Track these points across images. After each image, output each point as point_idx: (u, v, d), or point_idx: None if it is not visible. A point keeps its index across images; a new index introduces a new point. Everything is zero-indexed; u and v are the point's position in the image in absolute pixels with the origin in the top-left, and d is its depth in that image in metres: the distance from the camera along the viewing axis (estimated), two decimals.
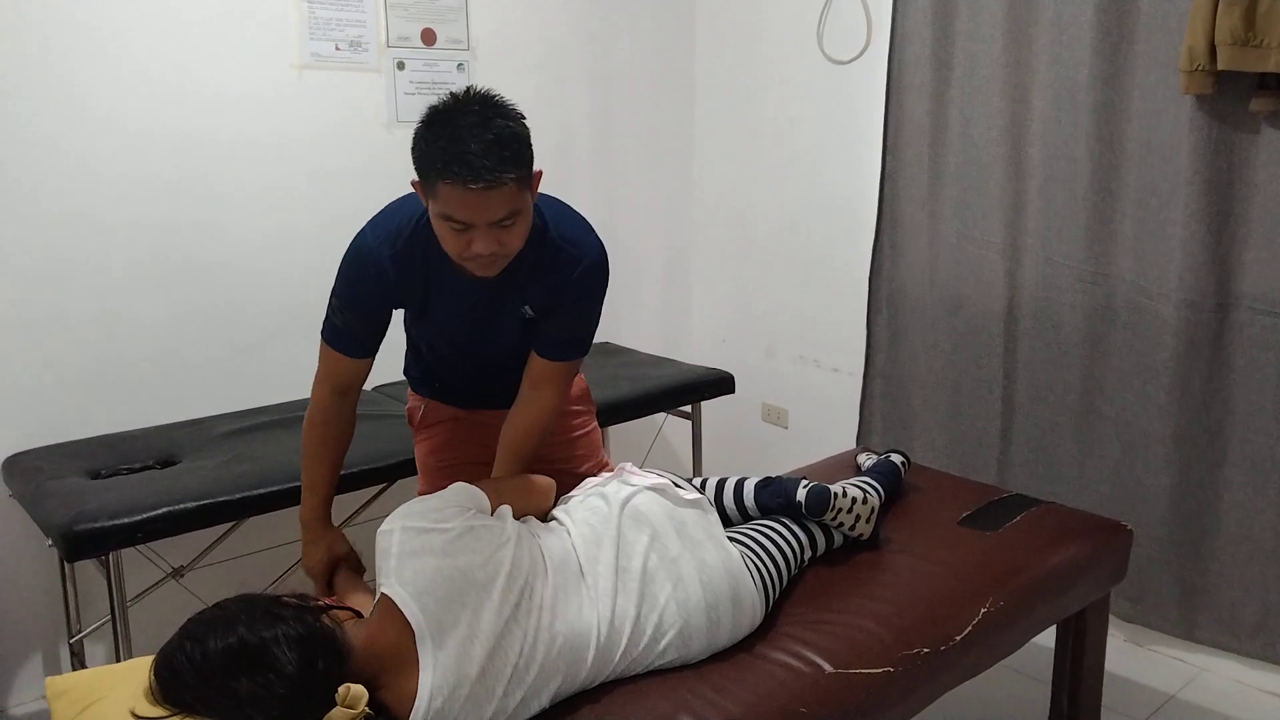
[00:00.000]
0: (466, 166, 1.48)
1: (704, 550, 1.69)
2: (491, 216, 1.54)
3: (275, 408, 2.75)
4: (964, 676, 1.83)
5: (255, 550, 2.69)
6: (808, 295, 3.46)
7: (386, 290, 1.76)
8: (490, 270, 1.65)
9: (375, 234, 1.74)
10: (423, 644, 1.39)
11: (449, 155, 1.49)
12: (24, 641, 2.52)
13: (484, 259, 1.59)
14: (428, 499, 1.59)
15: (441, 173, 1.50)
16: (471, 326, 1.85)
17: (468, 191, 1.49)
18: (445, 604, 1.41)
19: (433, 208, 1.57)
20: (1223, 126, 2.33)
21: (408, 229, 1.72)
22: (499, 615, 1.44)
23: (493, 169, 1.48)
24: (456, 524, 1.50)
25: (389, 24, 2.90)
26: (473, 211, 1.53)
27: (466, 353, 1.94)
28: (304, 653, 1.34)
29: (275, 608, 1.39)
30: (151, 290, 2.60)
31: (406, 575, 1.42)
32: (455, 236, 1.57)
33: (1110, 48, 2.49)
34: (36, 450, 2.42)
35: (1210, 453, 2.49)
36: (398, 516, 1.53)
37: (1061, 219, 2.66)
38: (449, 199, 1.52)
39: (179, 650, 1.34)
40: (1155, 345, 2.52)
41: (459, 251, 1.59)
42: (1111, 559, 2.14)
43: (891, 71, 3.00)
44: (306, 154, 2.80)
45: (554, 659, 1.48)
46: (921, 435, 3.11)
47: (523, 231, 1.62)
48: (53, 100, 2.39)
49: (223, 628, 1.34)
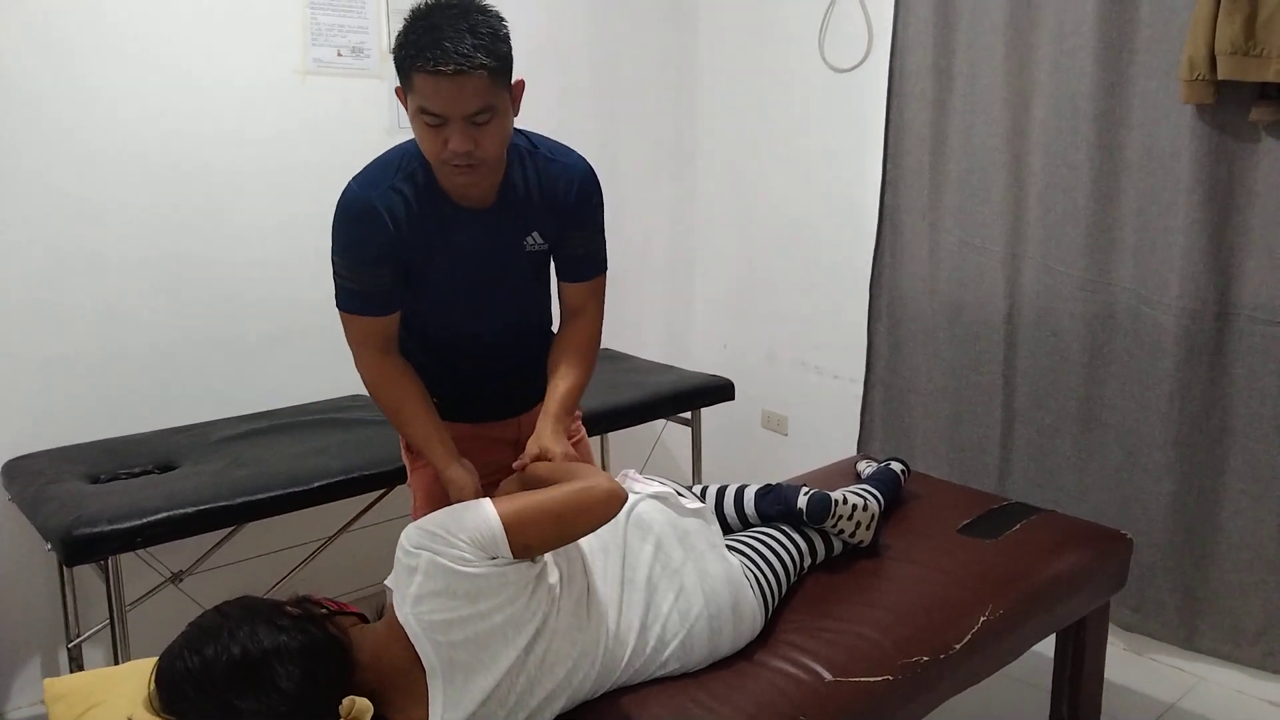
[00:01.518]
0: (440, 51, 1.50)
1: (706, 560, 1.69)
2: (465, 108, 1.54)
3: (275, 413, 2.75)
4: (964, 684, 1.82)
5: (255, 555, 2.69)
6: (808, 302, 3.46)
7: (383, 236, 1.70)
8: (470, 177, 1.63)
9: (360, 183, 1.72)
10: (433, 678, 1.37)
11: (424, 43, 1.51)
12: (22, 646, 2.51)
13: (462, 162, 1.59)
14: (460, 521, 1.43)
15: (416, 59, 1.52)
16: (474, 266, 1.79)
17: (440, 78, 1.51)
18: (460, 646, 1.38)
19: (410, 104, 1.58)
20: (1223, 136, 2.33)
21: (397, 168, 1.71)
22: (510, 657, 1.41)
23: (467, 55, 1.51)
24: (482, 569, 1.40)
25: (391, 30, 2.90)
26: (446, 101, 1.53)
27: (467, 320, 1.86)
28: (307, 666, 1.32)
29: (278, 616, 1.37)
30: (152, 296, 2.60)
31: (424, 610, 1.37)
32: (432, 135, 1.58)
33: (1111, 57, 2.50)
34: (36, 454, 2.42)
35: (1210, 461, 2.49)
36: (426, 537, 1.40)
37: (1062, 227, 2.67)
38: (423, 89, 1.54)
39: (179, 660, 1.33)
40: (1155, 353, 2.52)
41: (436, 151, 1.59)
42: (1111, 567, 2.14)
43: (893, 79, 3.00)
44: (309, 159, 2.81)
45: (559, 681, 1.48)
46: (921, 443, 3.10)
47: (499, 135, 1.62)
48: (54, 104, 2.40)
49: (224, 638, 1.32)
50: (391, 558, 1.47)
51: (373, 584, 2.92)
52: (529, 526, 1.43)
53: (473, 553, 1.39)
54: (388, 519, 2.68)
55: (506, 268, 1.82)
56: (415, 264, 1.75)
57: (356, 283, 1.74)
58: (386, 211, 1.68)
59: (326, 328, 2.88)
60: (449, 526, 1.41)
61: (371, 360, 1.79)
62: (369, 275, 1.73)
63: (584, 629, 1.52)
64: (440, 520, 1.42)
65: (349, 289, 1.75)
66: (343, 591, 2.66)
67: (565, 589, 1.53)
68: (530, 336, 1.96)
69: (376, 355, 1.79)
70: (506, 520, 1.41)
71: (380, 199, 1.68)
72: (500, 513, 1.42)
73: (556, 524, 1.46)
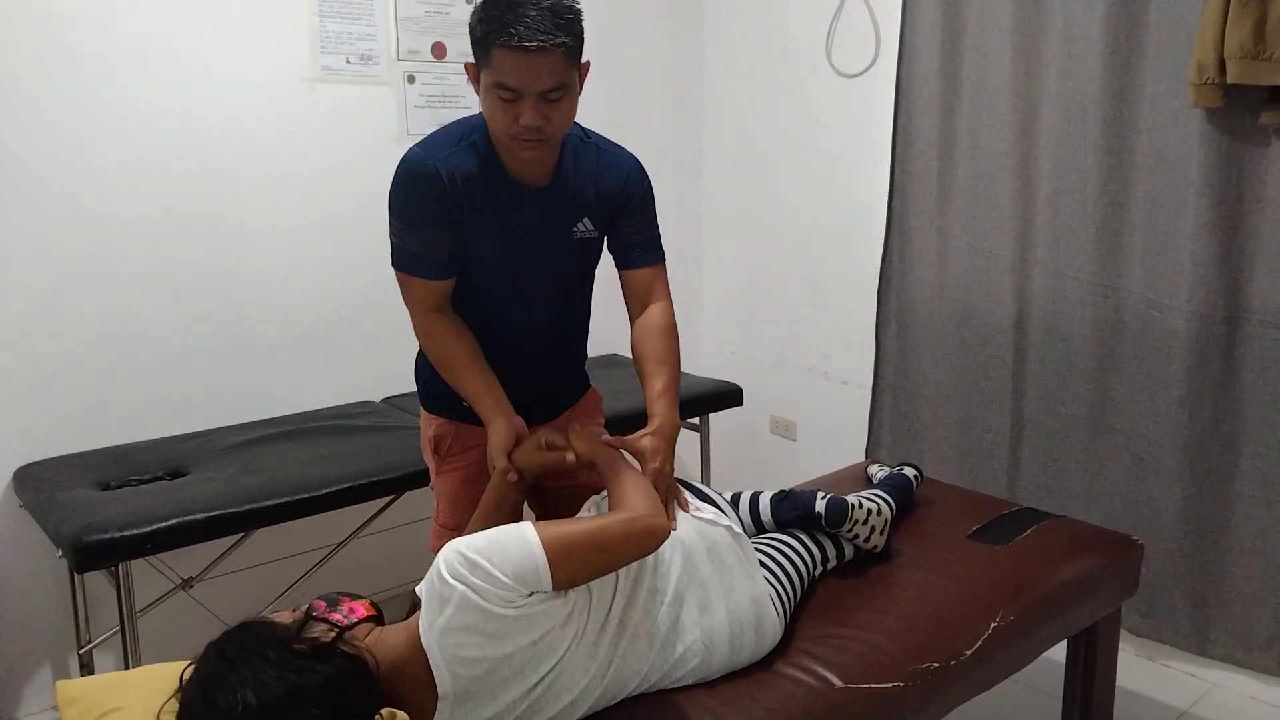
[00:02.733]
0: (523, 27, 1.56)
1: (733, 576, 1.66)
2: (541, 85, 1.60)
3: (283, 419, 2.75)
4: (974, 691, 1.82)
5: (264, 561, 2.70)
6: (816, 307, 3.46)
7: (441, 200, 1.73)
8: (537, 154, 1.69)
9: (425, 148, 1.75)
10: (444, 703, 1.36)
11: (507, 19, 1.57)
12: (34, 652, 2.52)
13: (530, 136, 1.64)
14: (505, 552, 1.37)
15: (498, 35, 1.57)
16: (525, 245, 1.81)
17: (522, 54, 1.57)
18: (478, 680, 1.37)
19: (485, 79, 1.63)
20: (1232, 140, 2.33)
21: (461, 137, 1.75)
22: (521, 688, 1.40)
23: (547, 31, 1.57)
24: (516, 611, 1.36)
25: (399, 38, 2.92)
26: (524, 76, 1.59)
27: (510, 305, 1.86)
28: (329, 703, 1.26)
29: (284, 655, 1.28)
30: (161, 303, 2.61)
31: (450, 643, 1.35)
32: (504, 109, 1.62)
33: (1120, 61, 2.49)
34: (47, 461, 2.43)
35: (1221, 465, 2.48)
36: (466, 567, 1.35)
37: (1071, 232, 2.66)
38: (502, 64, 1.59)
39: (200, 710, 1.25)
40: (1165, 358, 2.51)
41: (506, 126, 1.64)
42: (1122, 573, 2.13)
43: (900, 84, 3.00)
44: (317, 166, 2.82)
45: (564, 707, 1.46)
46: (931, 448, 3.10)
47: (568, 112, 1.68)
48: (64, 113, 2.41)
49: (235, 687, 1.23)
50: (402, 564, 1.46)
51: (384, 589, 2.92)
52: (573, 559, 1.40)
53: (512, 588, 1.35)
54: (397, 525, 2.69)
55: (555, 250, 1.85)
56: (467, 234, 1.78)
57: (413, 244, 1.77)
58: (447, 177, 1.73)
59: (335, 334, 2.91)
60: (492, 557, 1.35)
61: (427, 320, 1.82)
62: (425, 238, 1.76)
63: (599, 655, 1.49)
64: (482, 548, 1.37)
65: (404, 250, 1.78)
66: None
67: (594, 613, 1.49)
68: (566, 337, 1.98)
69: (432, 314, 1.82)
70: (551, 553, 1.38)
71: (442, 164, 1.73)
72: (545, 542, 1.38)
73: (601, 555, 1.44)
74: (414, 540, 1.43)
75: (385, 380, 3.00)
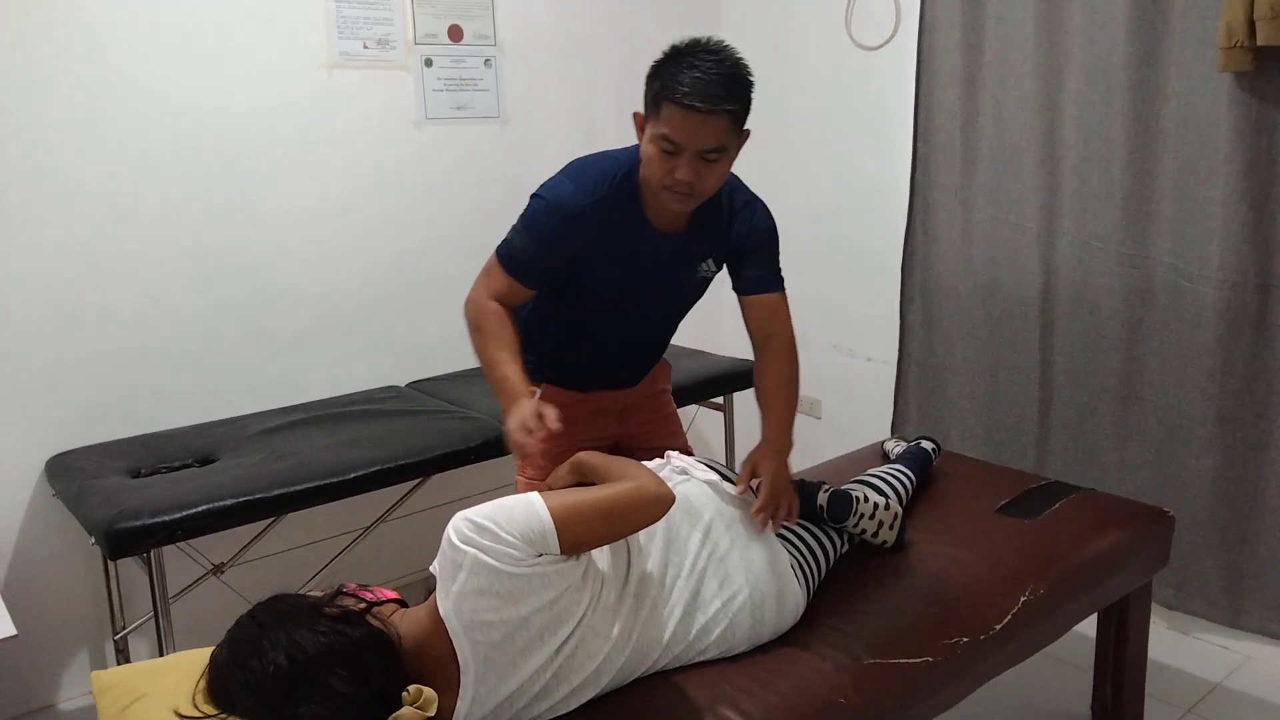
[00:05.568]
0: (698, 87, 1.61)
1: (752, 548, 1.67)
2: (703, 144, 1.65)
3: (311, 405, 2.77)
4: (1004, 665, 1.81)
5: (294, 546, 2.72)
6: (840, 284, 3.44)
7: (574, 238, 1.79)
8: (684, 206, 1.74)
9: (577, 183, 1.79)
10: (466, 674, 1.38)
11: (684, 79, 1.62)
12: (70, 638, 2.56)
13: (682, 189, 1.68)
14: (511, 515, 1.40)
15: (674, 91, 1.62)
16: (647, 277, 1.89)
17: (691, 113, 1.61)
18: (498, 646, 1.38)
19: (650, 130, 1.69)
20: (1263, 104, 2.28)
21: (612, 178, 1.79)
22: (542, 656, 1.41)
23: (720, 97, 1.62)
24: (527, 569, 1.38)
25: (416, 21, 2.91)
26: (689, 134, 1.63)
27: (620, 314, 1.94)
28: (356, 666, 1.30)
29: (314, 619, 1.33)
30: (187, 291, 2.63)
31: (466, 609, 1.37)
32: (662, 160, 1.67)
33: (1145, 25, 2.45)
34: (78, 450, 2.46)
35: (1254, 435, 2.44)
36: (475, 531, 1.37)
37: (1098, 201, 2.62)
38: (671, 119, 1.63)
39: (227, 672, 1.30)
40: (1196, 327, 2.48)
41: (661, 176, 1.68)
42: (1153, 545, 2.11)
43: (921, 56, 2.96)
44: (337, 151, 2.82)
45: (588, 675, 1.47)
46: (957, 423, 3.08)
47: (721, 173, 1.73)
48: (88, 103, 2.43)
49: (266, 649, 1.29)
50: (430, 547, 1.47)
51: (411, 572, 2.94)
52: (579, 524, 1.43)
53: (521, 549, 1.37)
54: (425, 508, 2.70)
55: (675, 285, 1.95)
56: (594, 262, 1.84)
57: (528, 256, 1.81)
58: (591, 219, 1.78)
59: (358, 319, 2.93)
60: (498, 520, 1.38)
61: (486, 301, 1.85)
62: (542, 256, 1.81)
63: (619, 623, 1.51)
64: (489, 513, 1.40)
65: (516, 252, 1.82)
66: (382, 580, 2.68)
67: (610, 581, 1.52)
68: (664, 336, 2.10)
69: (493, 301, 1.85)
70: (557, 517, 1.40)
71: (592, 207, 1.77)
72: (551, 508, 1.41)
73: (606, 522, 1.46)
74: (441, 523, 1.43)
75: (409, 364, 3.02)
